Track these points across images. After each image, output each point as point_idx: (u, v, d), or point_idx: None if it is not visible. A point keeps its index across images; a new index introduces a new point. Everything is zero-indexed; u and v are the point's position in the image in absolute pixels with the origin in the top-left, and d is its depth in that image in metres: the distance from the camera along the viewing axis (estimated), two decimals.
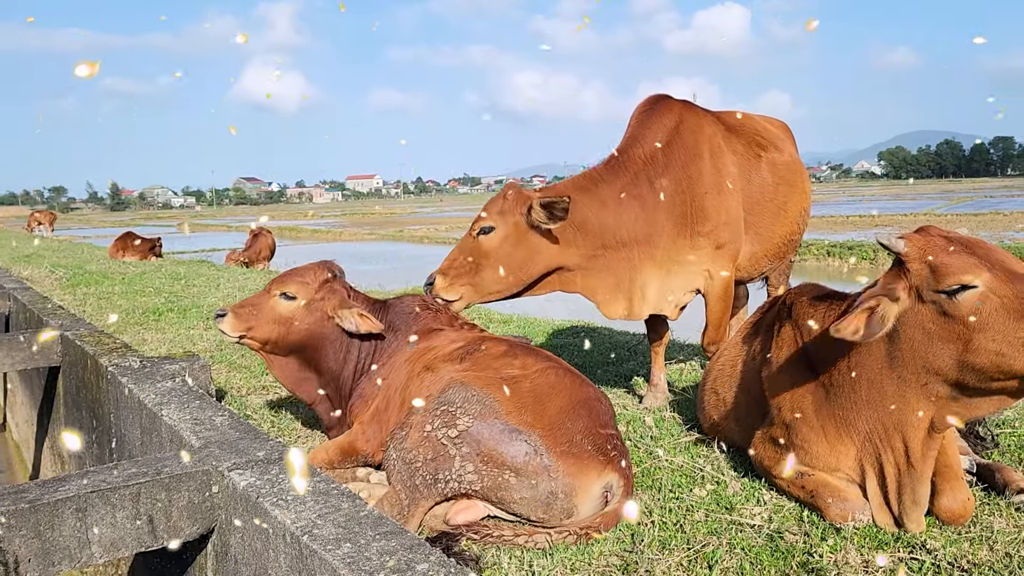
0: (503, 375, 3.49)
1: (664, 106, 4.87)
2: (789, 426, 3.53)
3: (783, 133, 5.41)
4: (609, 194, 4.61)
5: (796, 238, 5.41)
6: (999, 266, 2.78)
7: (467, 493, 3.35)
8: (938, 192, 70.34)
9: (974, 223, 31.13)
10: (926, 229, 3.05)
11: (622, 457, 3.44)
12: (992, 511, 3.42)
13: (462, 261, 4.53)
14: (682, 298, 4.88)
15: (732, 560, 3.03)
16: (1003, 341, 2.72)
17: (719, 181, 4.71)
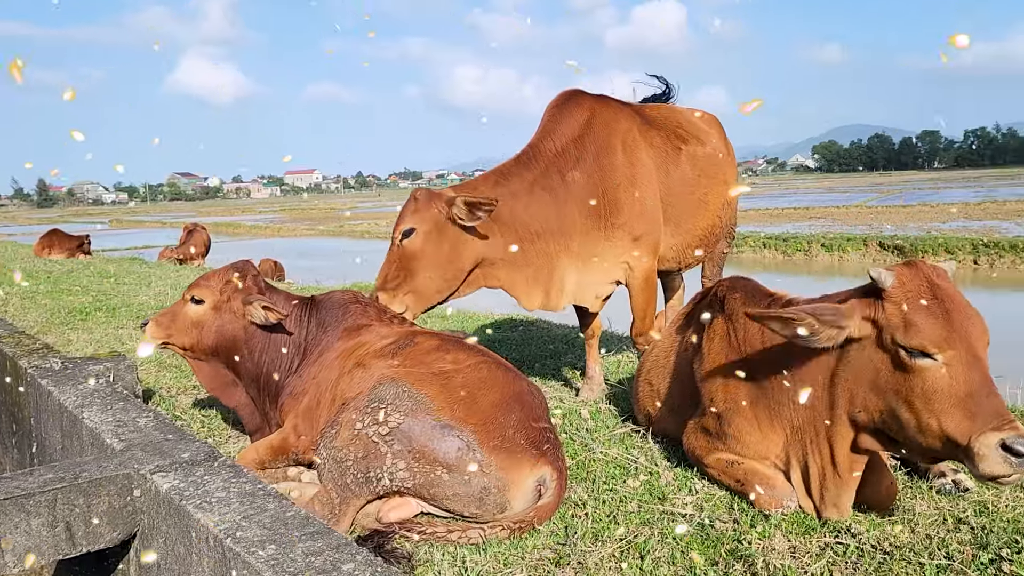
0: (434, 370, 3.46)
1: (576, 101, 4.92)
2: (720, 415, 3.57)
3: (709, 126, 5.47)
4: (520, 187, 4.67)
5: (720, 229, 5.49)
6: (965, 344, 2.77)
7: (399, 491, 3.32)
8: (869, 185, 72.35)
9: (903, 215, 32.11)
10: (916, 266, 2.96)
11: (555, 450, 3.44)
12: (915, 494, 3.52)
13: (395, 272, 4.52)
14: (602, 290, 4.92)
15: (663, 550, 3.05)
16: (933, 415, 2.77)
17: (633, 174, 4.76)
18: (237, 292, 4.02)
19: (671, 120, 5.25)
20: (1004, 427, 2.62)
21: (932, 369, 2.77)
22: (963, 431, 2.69)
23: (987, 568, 2.77)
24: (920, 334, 2.79)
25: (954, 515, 3.26)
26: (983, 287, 16.76)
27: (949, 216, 29.90)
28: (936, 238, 20.68)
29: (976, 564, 2.80)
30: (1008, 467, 2.60)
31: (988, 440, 2.62)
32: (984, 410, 2.68)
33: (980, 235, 20.65)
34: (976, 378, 2.73)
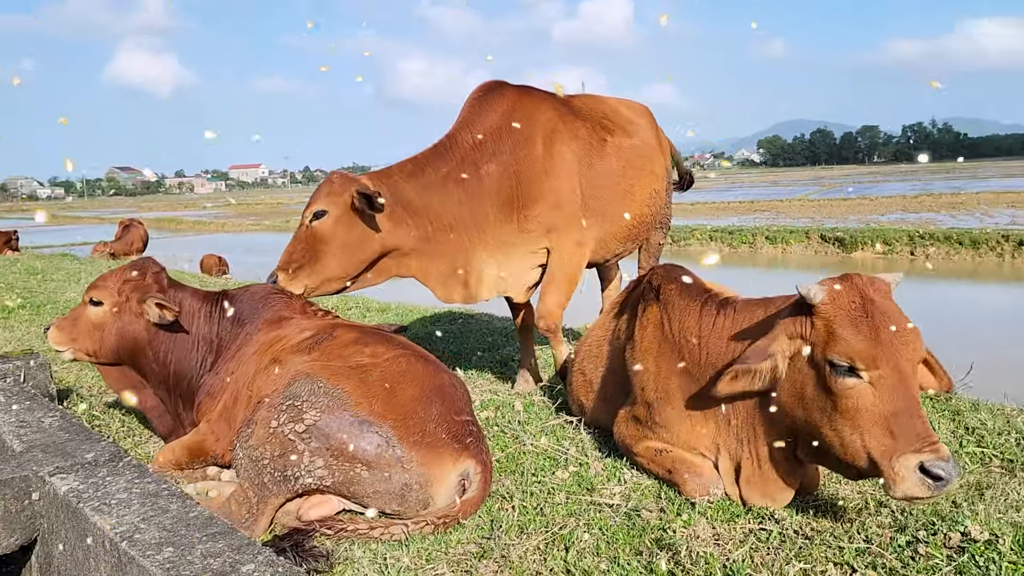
0: (352, 364, 3.37)
1: (497, 92, 4.87)
2: (651, 404, 3.54)
3: (639, 118, 5.43)
4: (434, 178, 4.61)
5: (651, 220, 5.45)
6: (893, 364, 2.73)
7: (319, 488, 3.22)
8: (811, 179, 73.73)
9: (844, 208, 32.74)
10: (851, 280, 2.90)
11: (479, 443, 3.38)
12: (839, 479, 3.53)
13: (300, 252, 4.43)
14: (527, 277, 4.87)
15: (589, 540, 3.01)
16: (856, 432, 2.75)
17: (550, 166, 4.72)
18: (135, 291, 3.86)
19: (597, 111, 5.20)
20: (925, 449, 2.62)
21: (858, 387, 2.75)
22: (885, 451, 2.68)
23: (904, 550, 2.78)
24: (847, 350, 2.75)
25: (876, 499, 3.28)
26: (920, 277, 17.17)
27: (887, 209, 30.60)
28: (875, 230, 21.13)
29: (894, 547, 2.81)
30: (926, 490, 2.60)
31: (908, 462, 2.62)
32: (907, 431, 2.67)
33: (916, 227, 21.13)
34: (902, 398, 2.71)
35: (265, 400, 3.38)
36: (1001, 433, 4.05)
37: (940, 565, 2.66)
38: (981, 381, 5.16)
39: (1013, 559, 2.64)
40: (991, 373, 5.88)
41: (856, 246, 19.75)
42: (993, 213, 25.16)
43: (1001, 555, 2.66)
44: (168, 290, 3.94)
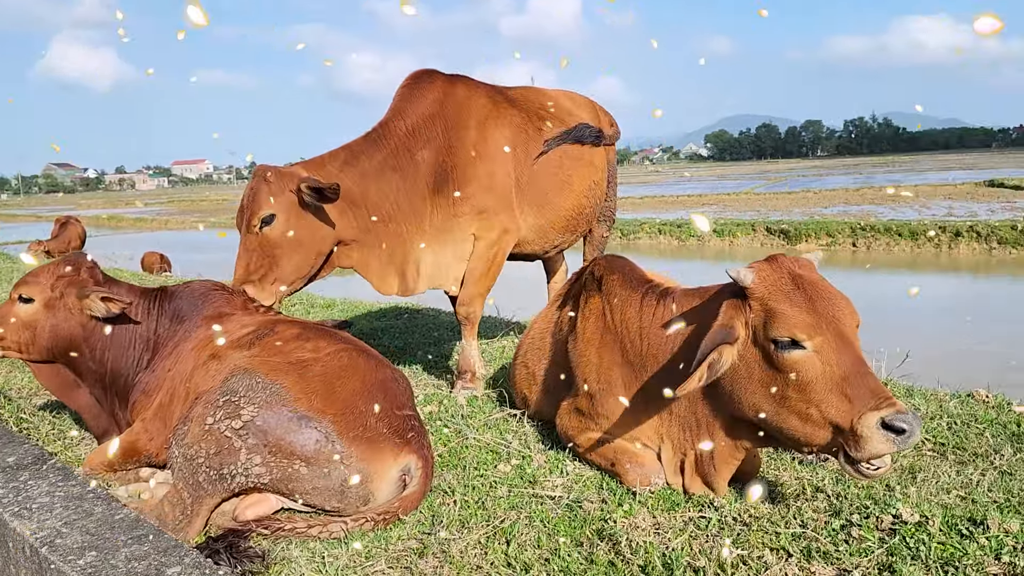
0: (292, 360, 3.30)
1: (428, 80, 4.85)
2: (594, 396, 3.54)
3: (580, 109, 5.42)
4: (370, 167, 4.56)
5: (590, 212, 5.44)
6: (834, 329, 2.75)
7: (256, 487, 3.15)
8: (757, 172, 74.99)
9: (788, 201, 33.36)
10: (777, 261, 2.94)
11: (420, 438, 3.34)
12: (778, 466, 3.59)
13: (257, 262, 4.33)
14: (459, 270, 4.84)
15: (530, 533, 3.00)
16: (812, 405, 2.74)
17: (484, 151, 4.71)
18: (71, 286, 3.73)
19: (534, 101, 5.19)
20: (883, 405, 2.61)
21: (804, 358, 2.75)
22: (844, 415, 2.66)
23: (838, 534, 2.83)
24: (787, 324, 2.76)
25: (813, 484, 3.33)
26: (861, 268, 17.57)
27: (830, 202, 31.22)
28: (819, 223, 21.55)
29: (828, 530, 2.85)
30: (891, 444, 2.59)
31: (868, 420, 2.60)
32: (861, 391, 2.66)
33: (858, 219, 21.65)
34: (849, 360, 2.72)
35: (202, 397, 3.30)
36: (934, 418, 4.15)
37: (872, 547, 2.71)
38: (917, 368, 5.30)
39: (942, 539, 2.70)
40: (926, 360, 6.05)
41: (800, 238, 20.15)
42: (930, 205, 25.86)
43: (931, 536, 2.72)
44: (103, 285, 3.81)
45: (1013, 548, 2.63)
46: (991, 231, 17.33)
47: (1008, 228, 17.09)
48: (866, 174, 53.88)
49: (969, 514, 2.88)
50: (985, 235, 17.34)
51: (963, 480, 3.36)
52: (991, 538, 2.68)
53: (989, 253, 16.96)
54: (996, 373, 5.49)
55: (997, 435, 3.88)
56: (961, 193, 29.57)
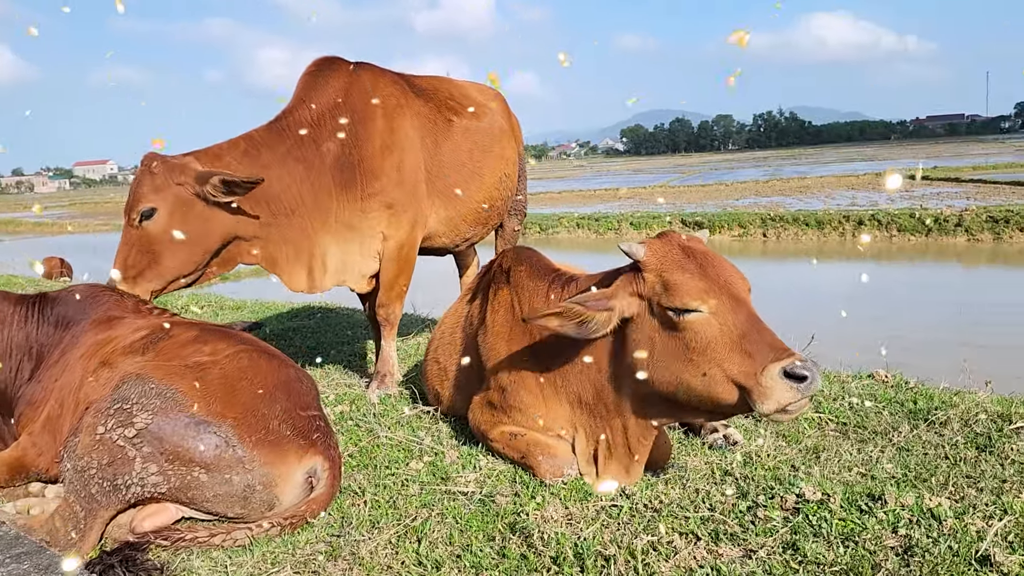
0: (189, 363, 3.16)
1: (332, 68, 4.68)
2: (505, 388, 3.51)
3: (490, 101, 5.38)
4: (271, 159, 4.36)
5: (501, 204, 5.40)
6: (727, 292, 2.81)
7: (154, 496, 3.01)
8: (672, 166, 76.45)
9: (702, 194, 34.11)
10: (668, 236, 3.01)
11: (327, 439, 3.25)
12: (689, 452, 3.64)
13: (136, 257, 4.11)
14: (366, 267, 4.71)
15: (442, 530, 2.95)
16: (715, 365, 2.77)
17: (391, 142, 4.58)
18: None
19: (443, 91, 5.10)
20: (783, 357, 2.66)
21: (702, 321, 2.79)
22: (748, 371, 2.70)
23: (745, 515, 2.87)
24: (681, 291, 2.81)
25: (722, 468, 3.38)
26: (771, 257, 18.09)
27: (741, 194, 32.06)
28: (731, 214, 22.08)
29: (735, 512, 2.90)
30: (795, 393, 2.62)
31: (771, 371, 2.64)
32: (760, 346, 2.71)
33: (768, 210, 22.24)
34: (745, 319, 2.78)
35: (92, 406, 3.13)
36: (836, 399, 4.28)
37: (777, 527, 2.76)
38: (822, 350, 5.46)
39: (843, 516, 2.77)
40: (831, 343, 6.25)
41: (714, 230, 20.58)
42: (835, 195, 26.81)
43: (832, 513, 2.79)
44: None
45: (909, 521, 2.71)
46: (891, 219, 18.06)
47: (907, 216, 17.84)
48: (775, 167, 55.58)
49: (868, 490, 2.96)
50: (886, 223, 18.07)
51: (864, 458, 3.47)
52: (888, 512, 2.76)
53: (890, 240, 17.68)
54: (895, 354, 5.70)
55: (895, 413, 4.03)
56: (863, 183, 30.77)
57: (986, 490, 3.04)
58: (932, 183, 27.86)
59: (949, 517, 2.69)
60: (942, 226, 16.92)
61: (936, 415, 3.89)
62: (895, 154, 62.42)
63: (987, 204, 18.71)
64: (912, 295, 11.47)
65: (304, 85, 4.62)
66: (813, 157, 72.68)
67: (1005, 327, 8.58)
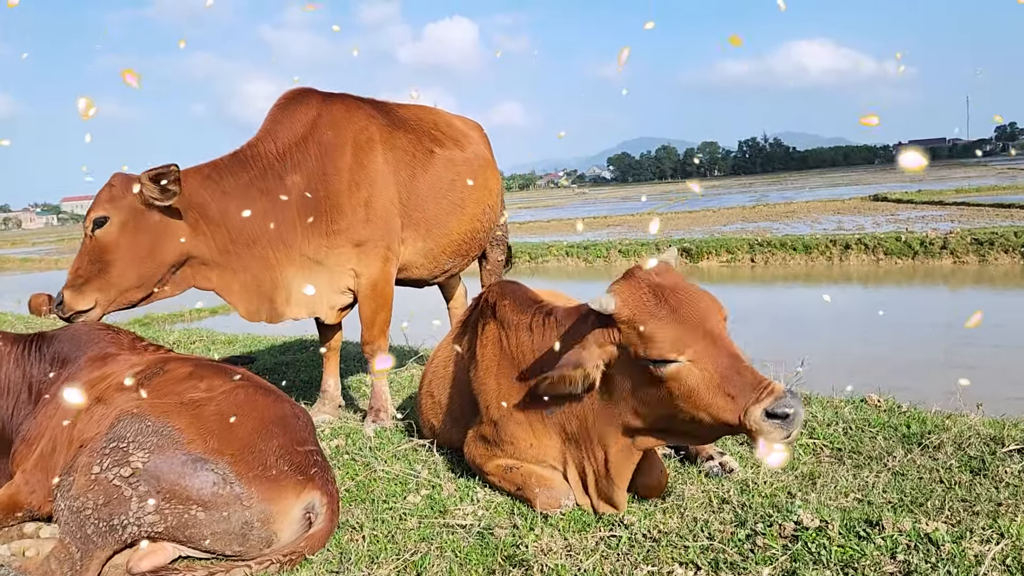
0: (185, 400, 3.16)
1: (303, 99, 4.65)
2: (496, 422, 3.53)
3: (472, 131, 5.40)
4: (233, 186, 4.35)
5: (483, 235, 5.38)
6: (703, 336, 2.81)
7: (151, 536, 2.99)
8: (659, 193, 76.85)
9: (689, 220, 34.32)
10: (634, 276, 3.00)
11: (324, 474, 3.24)
12: (685, 480, 3.64)
13: (87, 267, 4.13)
14: (335, 300, 4.67)
15: (442, 564, 2.94)
16: (700, 410, 2.81)
17: (360, 177, 4.53)
18: None
19: (425, 121, 5.08)
20: (763, 397, 2.68)
21: (682, 371, 2.81)
22: (731, 414, 2.73)
23: (743, 544, 2.88)
24: (657, 343, 2.82)
25: (719, 496, 3.39)
26: (759, 282, 18.17)
27: (728, 220, 32.28)
28: (719, 240, 22.20)
29: (734, 541, 2.90)
30: (781, 431, 2.65)
31: (753, 414, 2.67)
32: (741, 388, 2.73)
33: (755, 235, 22.39)
34: (724, 361, 2.79)
35: (87, 444, 3.11)
36: (830, 424, 4.30)
37: (776, 555, 2.77)
38: (813, 376, 5.49)
39: (841, 543, 2.78)
40: (822, 368, 6.28)
41: (702, 256, 20.69)
42: (821, 220, 27.02)
43: (831, 540, 2.80)
44: None
45: (907, 546, 2.72)
46: (878, 243, 18.20)
47: (893, 240, 17.98)
48: (760, 192, 56.02)
49: (866, 516, 2.98)
50: (872, 247, 18.20)
51: (859, 483, 3.49)
52: (887, 538, 2.78)
53: (876, 264, 17.81)
54: (886, 378, 5.74)
55: (889, 438, 4.05)
56: (849, 208, 31.01)
57: (982, 514, 3.06)
58: (917, 206, 28.12)
59: (947, 542, 2.71)
60: (928, 249, 17.06)
61: (930, 439, 3.92)
62: (879, 178, 63.03)
63: (971, 226, 18.90)
64: (901, 318, 11.54)
65: (272, 117, 4.60)
66: (799, 182, 73.28)
67: (992, 348, 8.63)
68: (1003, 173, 48.81)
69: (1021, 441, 3.78)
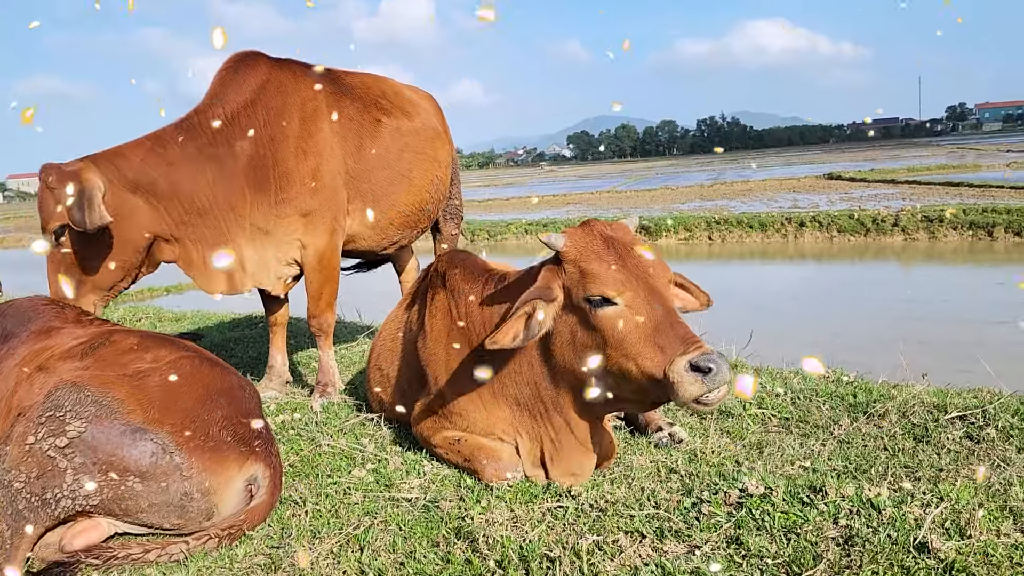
0: (129, 371, 3.07)
1: (251, 63, 4.51)
2: (445, 394, 3.48)
3: (422, 101, 5.29)
4: (179, 156, 4.22)
5: (432, 207, 5.28)
6: (644, 284, 2.81)
7: (86, 510, 2.89)
8: (619, 171, 76.98)
9: (648, 198, 34.46)
10: (590, 225, 3.01)
11: (268, 447, 3.17)
12: (635, 451, 3.63)
13: (68, 273, 4.03)
14: (282, 271, 4.58)
15: (385, 538, 2.90)
16: (630, 359, 2.77)
17: (308, 144, 4.45)
18: None
19: (374, 89, 4.96)
20: (691, 349, 2.66)
21: (616, 314, 2.79)
22: (658, 365, 2.70)
23: (689, 511, 2.88)
24: (598, 281, 2.82)
25: (667, 466, 3.39)
26: (716, 259, 18.33)
27: (687, 198, 32.46)
28: (677, 218, 22.33)
29: (680, 509, 2.90)
30: (702, 386, 2.61)
31: (677, 365, 2.64)
32: (671, 340, 2.71)
33: (712, 213, 22.54)
34: (659, 312, 2.78)
35: (24, 414, 3.00)
36: (779, 394, 4.33)
37: (721, 522, 2.77)
38: (766, 350, 5.53)
39: (785, 509, 2.79)
40: (774, 342, 6.34)
41: (660, 233, 20.79)
42: (777, 198, 27.32)
43: (775, 506, 2.81)
44: None
45: (849, 512, 2.74)
46: (831, 220, 18.45)
47: (846, 217, 18.23)
48: (718, 170, 56.44)
49: (810, 483, 2.99)
50: (826, 224, 18.44)
51: (806, 451, 3.51)
52: (830, 504, 2.79)
53: (830, 241, 18.06)
54: (837, 351, 5.80)
55: (836, 407, 4.09)
56: (804, 186, 31.38)
57: (923, 479, 3.09)
58: (870, 184, 28.56)
59: (888, 506, 2.73)
60: (880, 226, 17.33)
61: (875, 408, 3.96)
62: (833, 157, 63.87)
63: (922, 204, 19.25)
64: (853, 293, 11.72)
65: (219, 81, 4.45)
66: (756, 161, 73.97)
67: (940, 323, 8.81)
68: (952, 152, 49.82)
69: (963, 409, 3.84)
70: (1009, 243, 15.37)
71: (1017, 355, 7.10)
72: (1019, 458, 3.28)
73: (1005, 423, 3.64)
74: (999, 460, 3.27)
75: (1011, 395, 4.01)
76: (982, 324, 8.35)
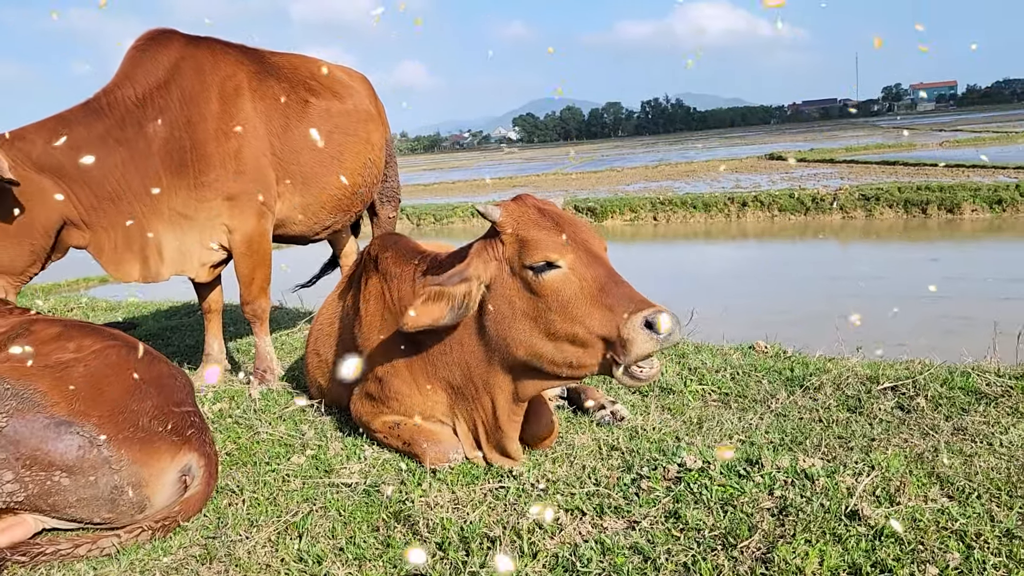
0: (51, 362, 2.96)
1: (164, 42, 4.34)
2: (381, 379, 3.44)
3: (354, 83, 5.17)
4: (86, 138, 4.05)
5: (364, 191, 5.17)
6: (583, 246, 2.82)
7: (11, 507, 2.79)
8: (565, 154, 77.23)
9: (594, 180, 34.63)
10: (522, 198, 3.00)
11: (202, 435, 3.10)
12: (577, 430, 3.65)
13: None
14: (206, 256, 4.45)
15: (324, 524, 2.86)
16: (577, 323, 2.75)
17: (227, 126, 4.29)
18: None
19: (302, 70, 4.83)
20: (643, 308, 2.66)
21: (560, 278, 2.78)
22: (610, 325, 2.69)
23: (629, 487, 2.90)
24: (539, 246, 2.81)
25: (608, 443, 3.40)
26: (661, 239, 18.52)
27: (632, 179, 32.70)
28: (622, 199, 22.47)
29: (620, 485, 2.92)
30: (654, 342, 2.62)
31: (632, 322, 2.63)
32: (620, 299, 2.71)
33: (657, 194, 22.75)
34: (603, 273, 2.78)
35: None
36: (719, 370, 4.39)
37: (660, 497, 2.79)
38: (707, 327, 5.60)
39: (722, 482, 2.83)
40: (716, 320, 6.43)
41: (607, 215, 20.91)
42: (720, 179, 27.68)
43: (712, 480, 2.84)
44: None
45: (784, 483, 2.79)
46: (772, 200, 18.78)
47: (787, 197, 18.56)
48: (663, 152, 56.97)
49: (747, 455, 3.03)
50: (768, 204, 18.76)
51: (744, 425, 3.56)
52: (765, 475, 2.83)
53: (771, 220, 18.39)
54: (777, 326, 5.91)
55: (774, 381, 4.16)
56: (746, 167, 31.87)
57: (856, 448, 3.17)
58: (809, 164, 29.11)
59: (821, 476, 2.78)
60: (819, 205, 17.69)
61: (811, 381, 4.04)
62: (774, 138, 64.99)
63: (859, 183, 19.70)
64: (793, 271, 11.95)
65: (131, 59, 4.26)
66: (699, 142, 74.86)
67: (875, 298, 9.03)
68: (888, 132, 51.07)
69: (894, 380, 3.94)
70: (942, 220, 15.83)
71: (949, 328, 7.32)
72: (947, 426, 3.37)
73: (934, 392, 3.74)
74: (928, 428, 3.36)
75: (940, 365, 4.13)
76: (916, 300, 8.58)
